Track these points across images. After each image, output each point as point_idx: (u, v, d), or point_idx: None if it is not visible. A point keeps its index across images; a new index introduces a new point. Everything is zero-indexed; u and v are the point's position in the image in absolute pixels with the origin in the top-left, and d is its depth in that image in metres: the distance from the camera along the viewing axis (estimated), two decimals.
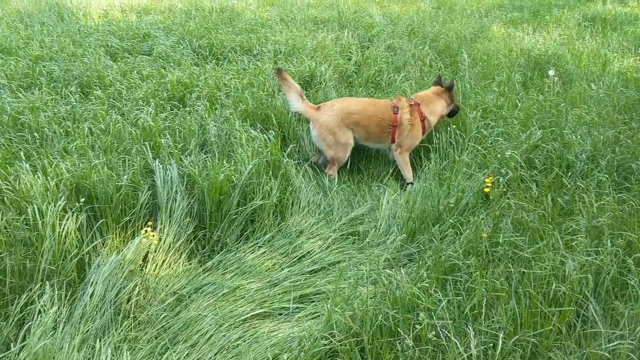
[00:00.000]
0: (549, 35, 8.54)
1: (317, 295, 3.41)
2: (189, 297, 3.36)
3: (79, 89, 5.59)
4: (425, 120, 4.93)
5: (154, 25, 8.10)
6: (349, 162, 4.98)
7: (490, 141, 4.65)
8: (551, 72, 6.08)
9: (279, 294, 3.39)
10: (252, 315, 3.20)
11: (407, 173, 4.95)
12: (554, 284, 2.84)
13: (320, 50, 6.98)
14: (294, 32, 7.98)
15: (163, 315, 3.18)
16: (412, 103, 4.93)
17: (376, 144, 5.06)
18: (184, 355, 2.92)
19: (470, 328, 2.60)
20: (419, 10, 10.02)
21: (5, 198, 3.52)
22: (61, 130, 4.56)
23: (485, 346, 2.66)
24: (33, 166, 3.95)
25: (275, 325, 3.15)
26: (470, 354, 2.53)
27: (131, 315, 3.14)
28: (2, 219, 3.27)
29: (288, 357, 2.79)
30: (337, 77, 6.38)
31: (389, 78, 6.50)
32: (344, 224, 4.21)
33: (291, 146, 4.78)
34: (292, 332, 3.05)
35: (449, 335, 2.65)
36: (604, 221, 3.35)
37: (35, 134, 4.48)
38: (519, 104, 5.36)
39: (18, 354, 2.73)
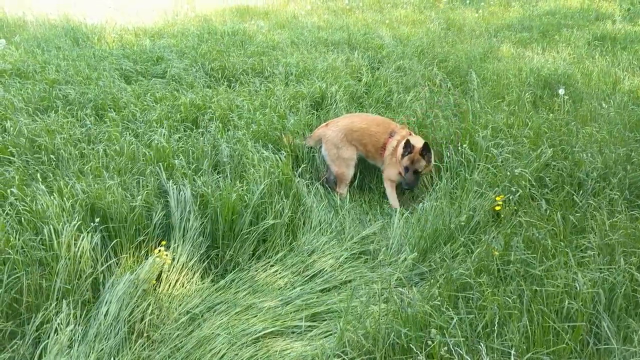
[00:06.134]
0: (559, 55, 8.56)
1: (329, 314, 3.41)
2: (202, 316, 3.38)
3: (93, 112, 5.70)
4: None
5: (167, 49, 8.25)
6: (356, 180, 5.01)
7: (500, 160, 4.66)
8: (561, 91, 6.10)
9: (291, 313, 3.40)
10: (264, 334, 3.21)
11: (391, 201, 4.92)
12: (567, 301, 2.83)
13: (330, 71, 7.06)
14: (305, 54, 8.09)
15: (176, 334, 3.20)
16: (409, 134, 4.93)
17: (373, 161, 5.11)
18: None
19: (483, 346, 2.60)
20: (428, 31, 10.11)
21: (22, 218, 3.58)
22: (76, 152, 4.64)
23: None
24: (49, 187, 4.01)
25: (287, 343, 3.16)
26: None
27: (145, 334, 3.16)
28: (19, 239, 3.33)
29: None
30: (348, 97, 6.43)
31: (399, 98, 6.56)
32: (355, 242, 4.22)
33: (302, 166, 4.83)
34: (305, 351, 3.06)
35: (462, 353, 2.64)
36: (616, 239, 3.34)
37: (52, 155, 4.56)
38: (529, 123, 5.37)
39: None
